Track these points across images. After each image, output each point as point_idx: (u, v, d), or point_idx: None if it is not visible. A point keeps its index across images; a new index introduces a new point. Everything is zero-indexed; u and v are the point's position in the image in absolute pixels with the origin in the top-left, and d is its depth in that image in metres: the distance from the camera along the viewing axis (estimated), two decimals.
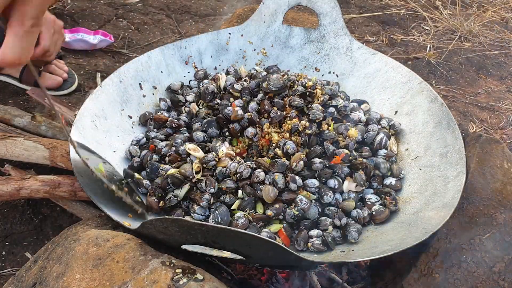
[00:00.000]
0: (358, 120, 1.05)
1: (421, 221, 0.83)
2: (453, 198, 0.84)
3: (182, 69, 1.21)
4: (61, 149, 1.05)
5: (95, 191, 0.83)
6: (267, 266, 0.95)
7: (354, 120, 1.05)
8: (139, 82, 1.13)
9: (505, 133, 1.48)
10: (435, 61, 1.78)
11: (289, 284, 1.00)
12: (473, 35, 1.96)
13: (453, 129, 0.97)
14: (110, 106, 1.04)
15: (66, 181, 0.99)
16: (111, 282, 0.65)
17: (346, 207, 0.91)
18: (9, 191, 0.96)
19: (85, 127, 0.96)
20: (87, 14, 1.90)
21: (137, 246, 0.70)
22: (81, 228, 0.78)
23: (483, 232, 0.86)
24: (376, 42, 1.92)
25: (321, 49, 1.27)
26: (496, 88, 1.69)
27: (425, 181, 0.94)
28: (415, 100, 1.09)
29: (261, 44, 1.29)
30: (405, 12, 2.13)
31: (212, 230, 0.62)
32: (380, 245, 0.81)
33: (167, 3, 2.09)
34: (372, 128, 1.05)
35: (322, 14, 1.24)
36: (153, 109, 1.13)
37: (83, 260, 0.68)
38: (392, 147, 1.03)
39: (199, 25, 1.98)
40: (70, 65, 1.58)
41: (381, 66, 1.19)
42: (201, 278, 0.65)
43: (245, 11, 1.66)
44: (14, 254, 1.07)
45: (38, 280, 0.72)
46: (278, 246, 0.62)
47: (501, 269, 0.82)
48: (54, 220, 1.13)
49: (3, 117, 1.20)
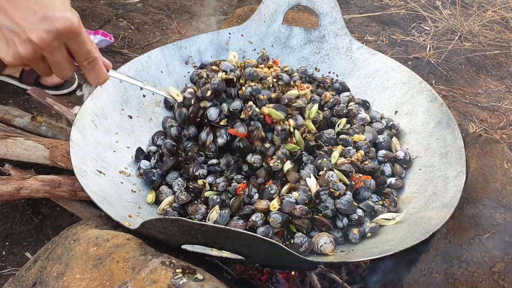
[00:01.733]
0: (363, 119, 1.05)
1: (421, 221, 0.83)
2: (453, 198, 0.84)
3: (182, 69, 1.21)
4: (61, 149, 1.05)
5: (95, 191, 0.83)
6: (267, 266, 0.95)
7: (362, 118, 1.05)
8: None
9: (505, 133, 1.48)
10: (435, 61, 1.78)
11: (289, 284, 1.00)
12: (473, 35, 1.96)
13: (453, 129, 0.97)
14: (110, 106, 1.04)
15: (66, 181, 0.99)
16: (111, 282, 0.65)
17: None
18: (9, 191, 0.96)
19: (85, 127, 0.96)
20: (87, 14, 1.90)
21: (137, 246, 0.70)
22: (81, 228, 0.78)
23: (483, 232, 0.86)
24: (376, 42, 1.92)
25: (321, 49, 1.27)
26: (496, 88, 1.69)
27: (425, 181, 0.94)
28: (415, 100, 1.09)
29: (261, 44, 1.28)
30: (405, 12, 2.13)
31: (212, 230, 0.62)
32: (380, 245, 0.81)
33: (167, 3, 2.09)
34: (376, 126, 1.05)
35: (322, 14, 1.24)
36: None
37: (83, 260, 0.68)
38: (397, 146, 1.03)
39: (199, 25, 1.98)
40: None
41: (381, 66, 1.19)
42: (201, 278, 0.65)
43: (245, 11, 1.66)
44: (14, 254, 1.07)
45: (38, 280, 0.72)
46: (278, 246, 0.62)
47: (501, 269, 0.82)
48: (54, 220, 1.13)
49: (3, 117, 1.20)
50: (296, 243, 0.82)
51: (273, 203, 0.86)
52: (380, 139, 1.01)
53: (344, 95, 1.13)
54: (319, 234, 0.85)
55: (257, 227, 0.85)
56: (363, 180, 0.92)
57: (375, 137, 1.01)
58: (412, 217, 0.87)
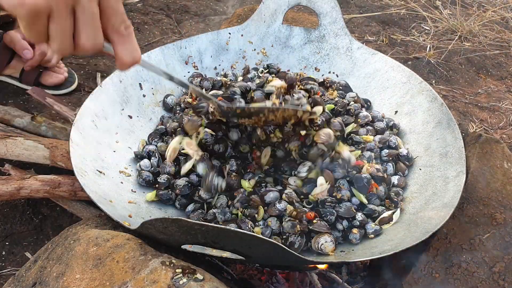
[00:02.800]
0: (366, 116, 1.05)
1: (421, 221, 0.83)
2: (453, 198, 0.84)
3: (182, 68, 1.21)
4: (62, 149, 1.05)
5: (95, 191, 0.83)
6: (267, 266, 0.95)
7: (364, 115, 1.05)
8: (139, 82, 1.13)
9: (505, 133, 1.48)
10: (435, 61, 1.78)
11: (289, 284, 1.00)
12: (473, 35, 1.96)
13: (453, 129, 0.97)
14: (110, 106, 1.04)
15: (66, 181, 0.99)
16: (111, 282, 0.65)
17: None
18: (9, 190, 0.96)
19: (85, 127, 0.96)
20: None
21: (137, 246, 0.70)
22: (81, 228, 0.78)
23: (483, 232, 0.86)
24: (376, 42, 1.92)
25: (321, 49, 1.27)
26: (496, 88, 1.69)
27: (425, 181, 0.94)
28: (415, 100, 1.09)
29: (261, 44, 1.29)
30: (405, 12, 2.13)
31: (212, 230, 0.62)
32: (380, 245, 0.81)
33: (167, 3, 2.09)
34: (378, 125, 1.05)
35: (322, 14, 1.24)
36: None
37: (83, 260, 0.68)
38: (400, 145, 1.03)
39: (199, 25, 1.98)
40: (70, 65, 1.58)
41: (381, 66, 1.19)
42: (201, 278, 0.65)
43: (245, 11, 1.66)
44: (14, 254, 1.07)
45: (38, 280, 0.72)
46: (278, 246, 0.62)
47: (501, 269, 0.82)
48: (54, 220, 1.13)
49: (3, 118, 1.20)
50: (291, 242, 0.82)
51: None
52: (392, 139, 1.01)
53: (350, 95, 1.12)
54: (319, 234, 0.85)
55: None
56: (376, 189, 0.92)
57: (385, 138, 1.02)
58: (412, 217, 0.87)
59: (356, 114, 1.06)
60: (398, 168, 0.98)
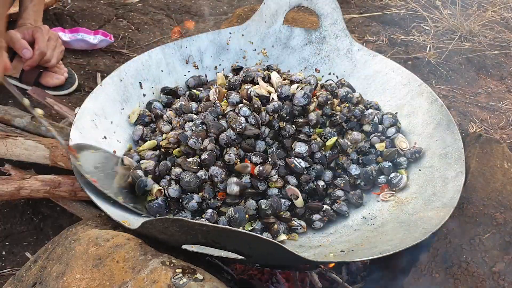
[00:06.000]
0: (371, 114, 1.05)
1: (420, 221, 0.83)
2: (452, 198, 0.84)
3: (182, 68, 1.21)
4: (62, 149, 1.05)
5: (95, 191, 0.83)
6: (267, 266, 0.95)
7: (369, 113, 1.04)
8: (140, 81, 1.13)
9: (505, 133, 1.48)
10: (435, 61, 1.78)
11: (289, 284, 1.00)
12: (473, 35, 1.96)
13: (453, 130, 0.97)
14: (110, 105, 1.04)
15: (66, 181, 0.99)
16: (111, 282, 0.65)
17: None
18: (9, 191, 0.96)
19: (85, 126, 0.96)
20: (87, 14, 1.90)
21: (137, 246, 0.70)
22: (81, 228, 0.78)
23: (483, 232, 0.86)
24: (376, 42, 1.92)
25: (321, 50, 1.27)
26: (496, 88, 1.69)
27: (425, 181, 0.94)
28: (415, 101, 1.09)
29: (262, 44, 1.29)
30: (405, 12, 2.13)
31: (213, 230, 0.62)
32: (380, 245, 0.81)
33: (167, 3, 2.09)
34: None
35: (323, 15, 1.24)
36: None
37: (83, 260, 0.68)
38: (401, 144, 1.03)
39: (199, 25, 1.98)
40: (70, 65, 1.58)
41: (381, 68, 1.19)
42: (201, 278, 0.65)
43: (245, 11, 1.66)
44: (14, 254, 1.07)
45: (38, 280, 0.72)
46: (278, 246, 0.62)
47: (501, 269, 0.82)
48: (54, 220, 1.13)
49: (3, 118, 1.20)
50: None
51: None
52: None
53: (354, 96, 1.11)
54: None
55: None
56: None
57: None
58: (412, 217, 0.87)
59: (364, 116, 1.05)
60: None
